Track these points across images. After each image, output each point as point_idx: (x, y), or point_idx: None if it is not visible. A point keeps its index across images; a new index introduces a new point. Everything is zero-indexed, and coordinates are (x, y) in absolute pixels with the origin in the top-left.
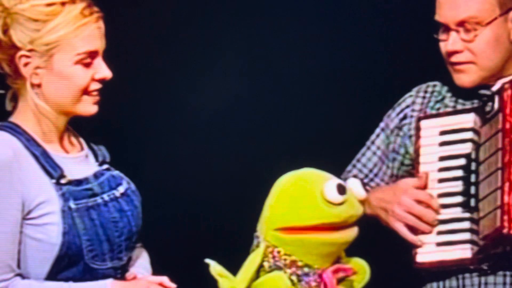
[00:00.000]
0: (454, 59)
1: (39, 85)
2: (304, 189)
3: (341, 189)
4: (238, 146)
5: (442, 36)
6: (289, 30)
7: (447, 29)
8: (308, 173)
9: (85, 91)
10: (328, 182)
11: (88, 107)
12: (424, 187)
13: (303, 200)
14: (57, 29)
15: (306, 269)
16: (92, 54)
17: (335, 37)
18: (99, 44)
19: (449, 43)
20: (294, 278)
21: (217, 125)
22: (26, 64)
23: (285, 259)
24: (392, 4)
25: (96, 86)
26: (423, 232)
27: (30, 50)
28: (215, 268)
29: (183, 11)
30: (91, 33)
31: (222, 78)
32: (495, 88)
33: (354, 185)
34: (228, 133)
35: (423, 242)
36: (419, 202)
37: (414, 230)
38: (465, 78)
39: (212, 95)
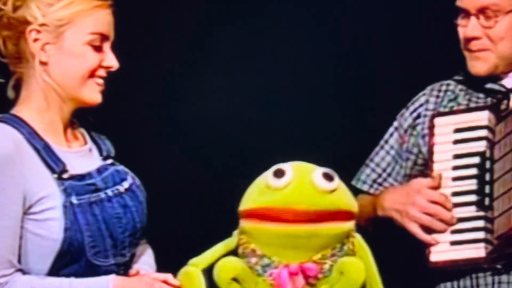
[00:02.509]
0: (472, 45)
1: (46, 63)
2: (262, 175)
3: (327, 177)
4: (240, 142)
5: (461, 22)
6: (286, 29)
7: (467, 14)
8: (291, 162)
9: (92, 75)
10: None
11: (93, 93)
12: (438, 187)
13: (256, 184)
14: (72, 6)
15: (266, 260)
16: (103, 38)
17: (336, 35)
18: (110, 30)
19: (468, 28)
20: (259, 268)
21: (218, 121)
22: (35, 40)
23: (246, 248)
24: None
25: (102, 73)
26: (439, 232)
27: (41, 25)
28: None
29: (180, 9)
30: (105, 17)
31: (221, 76)
32: (506, 82)
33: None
34: (230, 130)
35: (438, 242)
36: (433, 202)
37: (429, 231)
38: (481, 65)
39: (213, 92)
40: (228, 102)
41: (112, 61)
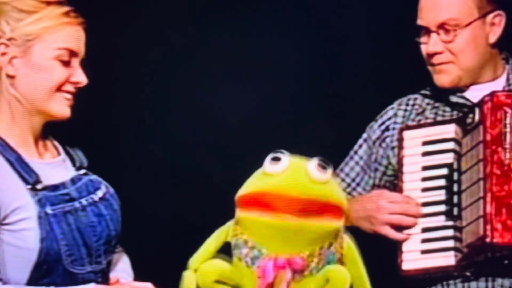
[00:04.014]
0: (435, 60)
1: (13, 77)
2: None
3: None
4: (217, 147)
5: (423, 39)
6: (274, 37)
7: (428, 32)
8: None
9: (59, 89)
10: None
11: (61, 108)
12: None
13: (255, 173)
14: (41, 21)
15: (255, 252)
16: (72, 54)
17: (319, 47)
18: (80, 47)
19: (430, 44)
20: (248, 260)
21: (196, 126)
22: (3, 54)
23: (239, 238)
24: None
25: (70, 88)
26: (409, 227)
27: (9, 39)
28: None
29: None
30: (74, 33)
31: (203, 80)
32: (470, 94)
33: (311, 166)
34: (207, 134)
35: (405, 246)
36: (396, 202)
37: (399, 229)
38: (445, 78)
39: (191, 95)
40: (208, 107)
41: (80, 77)
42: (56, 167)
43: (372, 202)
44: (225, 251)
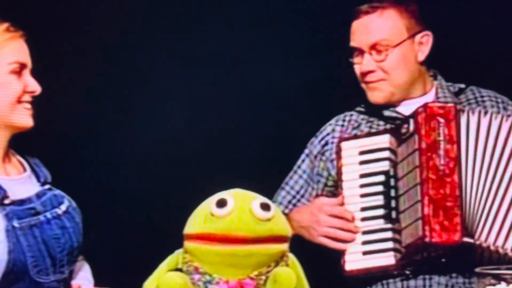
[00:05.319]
0: (368, 78)
1: None
2: (205, 202)
3: (265, 207)
4: (178, 162)
5: (356, 60)
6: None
7: (361, 53)
8: (232, 191)
9: (19, 101)
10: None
11: (24, 118)
12: (342, 204)
13: (200, 211)
14: None
15: (207, 277)
16: (22, 66)
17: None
18: (27, 58)
19: (363, 64)
20: (201, 284)
21: (158, 142)
22: None
23: (190, 265)
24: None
25: (27, 98)
26: (345, 241)
27: None
28: None
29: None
30: (19, 47)
31: (163, 91)
32: (401, 109)
33: (255, 206)
34: (169, 150)
35: (347, 248)
36: (334, 216)
37: (337, 240)
38: (378, 94)
39: (152, 110)
40: (170, 125)
41: (34, 86)
42: (22, 183)
43: (312, 215)
44: None
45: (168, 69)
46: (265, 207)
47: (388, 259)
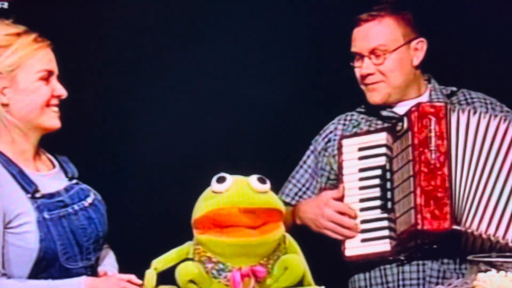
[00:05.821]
0: (367, 80)
1: (7, 105)
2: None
3: (261, 180)
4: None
5: (357, 64)
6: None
7: (361, 57)
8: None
9: (47, 104)
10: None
11: (52, 120)
12: (342, 196)
13: (202, 195)
14: (17, 52)
15: (221, 265)
16: (49, 73)
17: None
18: (54, 65)
19: (363, 67)
20: (214, 272)
21: (167, 135)
22: None
23: (202, 256)
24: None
25: (55, 101)
26: (345, 236)
27: None
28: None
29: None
30: (45, 55)
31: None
32: (398, 109)
33: (252, 180)
34: (180, 145)
35: (349, 238)
36: (339, 212)
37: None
38: (376, 95)
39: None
40: (177, 117)
41: (61, 91)
42: (51, 178)
43: (318, 208)
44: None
45: (177, 74)
46: (261, 180)
47: (384, 246)
